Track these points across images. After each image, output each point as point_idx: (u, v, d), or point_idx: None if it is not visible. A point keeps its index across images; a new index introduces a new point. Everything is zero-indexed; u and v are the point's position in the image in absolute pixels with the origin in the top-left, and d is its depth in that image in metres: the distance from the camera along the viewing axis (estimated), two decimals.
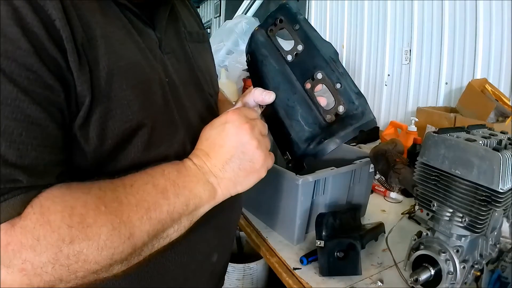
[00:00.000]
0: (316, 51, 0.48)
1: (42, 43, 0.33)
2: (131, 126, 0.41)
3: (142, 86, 0.42)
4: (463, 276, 0.59)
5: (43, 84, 0.33)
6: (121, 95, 0.40)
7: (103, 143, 0.39)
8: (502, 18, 1.47)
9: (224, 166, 0.46)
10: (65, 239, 0.32)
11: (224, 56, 2.39)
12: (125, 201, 0.37)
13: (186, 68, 0.54)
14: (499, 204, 0.53)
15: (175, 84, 0.49)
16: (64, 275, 0.33)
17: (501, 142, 0.59)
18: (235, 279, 1.40)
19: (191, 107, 0.52)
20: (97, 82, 0.38)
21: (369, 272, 0.76)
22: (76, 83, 0.36)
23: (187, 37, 0.57)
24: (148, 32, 0.48)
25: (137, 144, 0.42)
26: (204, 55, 0.62)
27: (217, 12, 5.27)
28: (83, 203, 0.34)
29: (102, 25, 0.40)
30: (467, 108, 1.48)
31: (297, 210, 0.82)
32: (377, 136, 1.89)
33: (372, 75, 2.22)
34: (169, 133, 0.47)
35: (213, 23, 5.70)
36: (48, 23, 0.33)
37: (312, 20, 2.87)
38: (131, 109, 0.40)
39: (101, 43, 0.39)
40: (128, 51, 0.42)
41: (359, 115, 0.46)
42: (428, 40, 1.81)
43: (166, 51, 0.50)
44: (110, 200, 0.36)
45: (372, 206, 1.07)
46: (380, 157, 0.86)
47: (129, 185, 0.39)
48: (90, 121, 0.38)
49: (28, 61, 0.32)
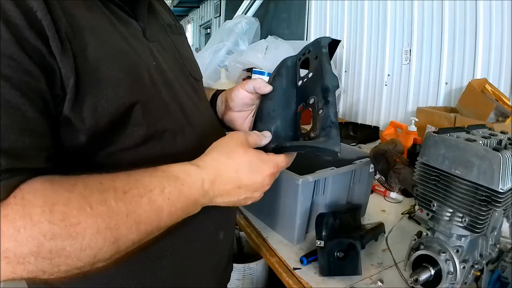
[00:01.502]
0: (320, 80, 0.51)
1: (23, 33, 0.34)
2: (124, 104, 0.42)
3: (129, 69, 0.44)
4: (463, 276, 0.59)
5: (24, 71, 0.34)
6: (110, 76, 0.41)
7: (98, 122, 0.40)
8: (502, 18, 1.47)
9: (224, 200, 0.47)
10: (46, 234, 0.32)
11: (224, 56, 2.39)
12: (115, 207, 0.36)
13: (170, 55, 0.56)
14: (499, 204, 0.53)
15: (162, 67, 0.51)
16: (46, 268, 0.34)
17: (501, 142, 0.59)
18: (235, 279, 1.40)
19: (180, 88, 0.54)
20: (85, 66, 0.39)
21: (369, 272, 0.76)
22: (60, 66, 0.37)
23: (167, 29, 0.60)
24: (131, 22, 0.50)
25: (133, 122, 0.44)
26: (185, 45, 0.65)
27: (217, 12, 5.27)
28: (65, 201, 0.34)
29: (87, 18, 0.41)
30: (467, 108, 1.48)
31: (297, 210, 0.82)
32: (377, 136, 1.89)
33: (372, 75, 2.22)
34: (162, 110, 0.48)
35: (213, 23, 5.71)
36: (30, 14, 0.35)
37: (312, 20, 2.87)
38: (121, 88, 0.42)
39: (86, 32, 0.40)
40: (113, 39, 0.44)
41: (323, 139, 0.46)
42: (428, 40, 1.81)
43: (151, 39, 0.52)
44: (97, 202, 0.35)
45: (372, 206, 1.07)
46: (380, 157, 0.86)
47: (121, 191, 0.37)
48: (83, 101, 0.39)
49: (9, 50, 0.33)
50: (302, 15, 2.99)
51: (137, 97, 0.44)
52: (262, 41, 2.22)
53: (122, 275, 0.49)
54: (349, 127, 2.07)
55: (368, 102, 2.27)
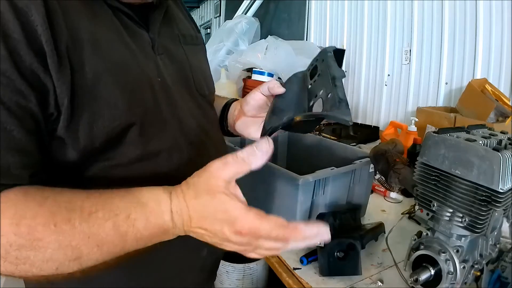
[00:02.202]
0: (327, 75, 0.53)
1: (19, 49, 0.34)
2: (120, 125, 0.42)
3: (129, 86, 0.43)
4: (463, 276, 0.59)
5: (15, 89, 0.34)
6: (108, 95, 0.40)
7: (93, 142, 0.40)
8: (502, 18, 1.47)
9: (198, 238, 0.41)
10: (12, 244, 0.33)
11: (224, 56, 2.39)
12: (78, 227, 0.36)
13: (178, 68, 0.55)
14: (499, 204, 0.53)
15: (167, 83, 0.51)
16: (15, 272, 0.35)
17: (501, 142, 0.59)
18: (235, 279, 1.40)
19: (183, 105, 0.53)
20: (83, 82, 0.38)
21: (369, 272, 0.76)
22: (55, 85, 0.36)
23: (181, 40, 0.59)
24: (141, 33, 0.49)
25: (129, 141, 0.43)
26: (199, 57, 0.64)
27: (217, 12, 5.27)
28: (33, 215, 0.35)
29: (91, 28, 0.41)
30: (467, 108, 1.48)
31: (297, 210, 0.82)
32: (377, 136, 1.89)
33: (372, 75, 2.22)
34: (160, 130, 0.47)
35: (213, 23, 5.70)
36: (29, 28, 0.34)
37: (312, 20, 2.87)
38: (119, 109, 0.41)
39: (88, 45, 0.39)
40: (117, 52, 0.43)
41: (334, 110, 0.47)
42: (428, 40, 1.81)
43: (159, 52, 0.51)
44: (62, 220, 0.35)
45: (372, 206, 1.07)
46: (380, 157, 0.85)
47: (87, 212, 0.36)
48: (79, 121, 0.39)
49: (2, 67, 0.33)
50: (302, 15, 2.99)
51: (135, 117, 0.43)
52: (262, 41, 2.22)
53: (124, 275, 0.49)
54: (349, 127, 2.07)
55: (368, 102, 2.27)
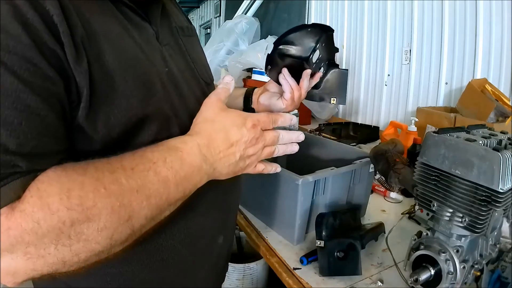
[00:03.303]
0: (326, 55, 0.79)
1: (42, 37, 0.34)
2: (137, 115, 0.43)
3: (142, 78, 0.44)
4: (463, 276, 0.59)
5: (43, 75, 0.34)
6: (125, 86, 0.41)
7: (111, 131, 0.41)
8: (502, 18, 1.47)
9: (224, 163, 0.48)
10: (65, 221, 0.33)
11: (224, 56, 2.39)
12: (126, 184, 0.37)
13: (182, 59, 0.57)
14: (499, 204, 0.53)
15: (174, 73, 0.52)
16: (67, 256, 0.34)
17: (501, 142, 0.59)
18: (235, 279, 1.40)
19: (190, 94, 0.54)
20: (100, 74, 0.39)
21: (369, 272, 0.76)
22: (74, 74, 0.37)
23: (179, 32, 0.60)
24: (145, 26, 0.50)
25: (146, 132, 0.45)
26: (196, 47, 0.66)
27: (217, 12, 5.27)
28: (80, 185, 0.35)
29: (101, 23, 0.41)
30: (467, 108, 1.48)
31: (297, 210, 0.82)
32: (377, 136, 1.89)
33: (372, 75, 2.22)
34: (171, 119, 0.49)
35: (213, 23, 5.70)
36: (47, 18, 0.35)
37: (312, 20, 2.86)
38: (135, 99, 0.42)
39: (102, 39, 0.40)
40: (128, 46, 0.44)
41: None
42: (428, 40, 1.81)
43: (163, 43, 0.53)
44: (109, 182, 0.36)
45: (372, 206, 1.07)
46: (380, 157, 0.85)
47: (130, 168, 0.38)
48: (97, 111, 0.39)
49: (28, 55, 0.33)
50: (302, 15, 2.99)
51: (149, 108, 0.44)
52: (262, 41, 2.22)
53: (123, 275, 0.50)
54: (349, 127, 2.07)
55: (368, 102, 2.27)
